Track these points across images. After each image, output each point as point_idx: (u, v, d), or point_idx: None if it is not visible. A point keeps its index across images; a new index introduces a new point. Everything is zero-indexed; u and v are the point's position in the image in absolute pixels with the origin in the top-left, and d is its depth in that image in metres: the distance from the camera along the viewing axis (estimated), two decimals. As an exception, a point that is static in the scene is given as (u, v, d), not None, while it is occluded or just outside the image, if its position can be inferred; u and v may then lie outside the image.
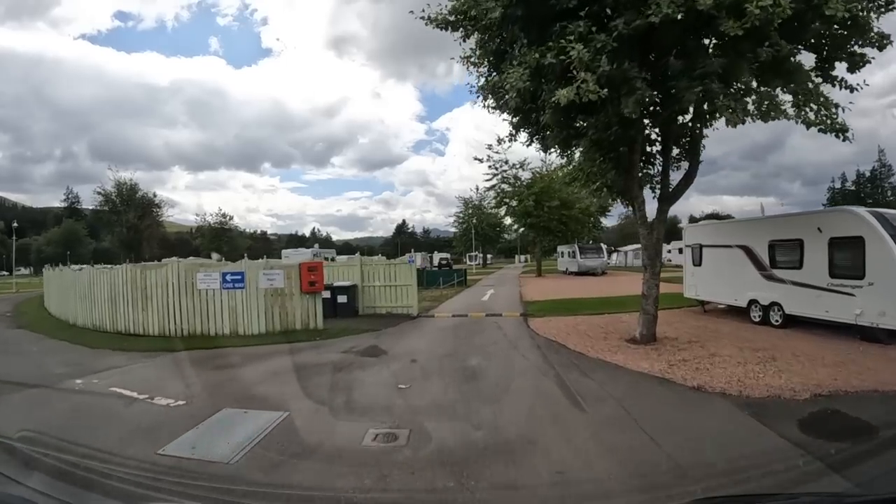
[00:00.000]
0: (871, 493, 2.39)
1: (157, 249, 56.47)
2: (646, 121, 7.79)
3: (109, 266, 15.64)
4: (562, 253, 39.12)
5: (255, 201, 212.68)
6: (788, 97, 6.47)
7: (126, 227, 55.41)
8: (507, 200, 31.96)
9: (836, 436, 4.42)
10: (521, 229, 34.64)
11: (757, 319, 10.85)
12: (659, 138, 8.42)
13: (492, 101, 7.63)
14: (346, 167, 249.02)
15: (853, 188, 77.53)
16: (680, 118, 7.78)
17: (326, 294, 13.76)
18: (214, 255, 34.07)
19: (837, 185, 78.85)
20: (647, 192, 8.72)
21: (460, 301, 17.61)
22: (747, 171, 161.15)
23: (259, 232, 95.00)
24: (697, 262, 13.08)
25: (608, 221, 47.00)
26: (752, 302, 11.06)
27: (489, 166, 31.84)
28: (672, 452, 3.93)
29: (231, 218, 69.92)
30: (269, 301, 11.14)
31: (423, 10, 7.18)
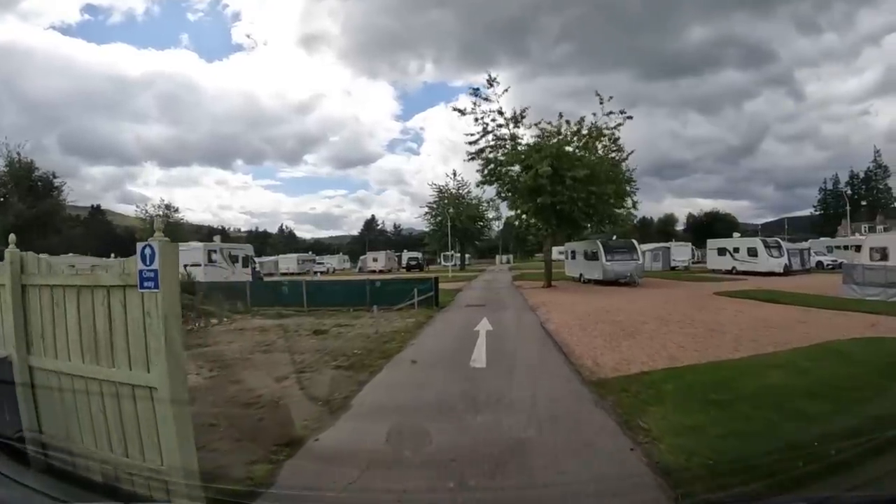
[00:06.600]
0: (871, 493, 2.42)
1: (57, 240, 43.74)
2: None
3: None
4: (571, 253, 27.79)
5: (229, 198, 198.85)
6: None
7: (14, 215, 42.57)
8: (504, 171, 20.94)
9: None
10: (523, 216, 23.43)
11: None
12: None
13: None
14: (319, 165, 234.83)
15: (846, 189, 74.46)
16: None
17: None
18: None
19: (829, 185, 77.33)
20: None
21: (410, 382, 6.76)
22: (721, 175, 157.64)
23: (220, 227, 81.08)
24: None
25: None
26: None
27: (475, 119, 21.10)
28: None
29: (176, 210, 57.65)
30: None
31: None
